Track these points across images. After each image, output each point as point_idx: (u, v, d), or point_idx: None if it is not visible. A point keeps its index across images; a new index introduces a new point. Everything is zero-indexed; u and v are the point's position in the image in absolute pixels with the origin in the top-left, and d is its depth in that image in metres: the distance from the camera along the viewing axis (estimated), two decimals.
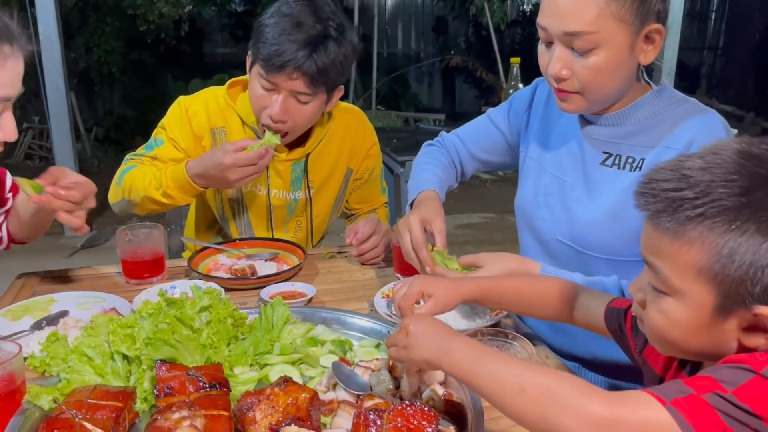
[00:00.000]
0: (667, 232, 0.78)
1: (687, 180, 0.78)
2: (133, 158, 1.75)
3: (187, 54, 9.37)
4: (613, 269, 1.34)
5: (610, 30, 1.18)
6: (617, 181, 1.33)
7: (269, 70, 1.55)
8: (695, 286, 0.78)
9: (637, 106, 1.31)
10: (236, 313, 1.22)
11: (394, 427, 0.89)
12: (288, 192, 1.81)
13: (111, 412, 0.96)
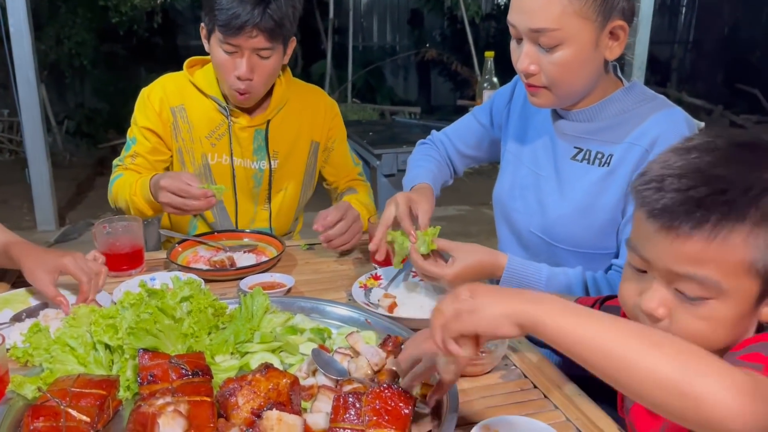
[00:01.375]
0: (710, 238, 0.76)
1: (717, 179, 0.77)
2: (118, 165, 1.85)
3: (160, 46, 9.25)
4: (581, 261, 1.38)
5: (573, 27, 1.22)
6: (587, 176, 1.37)
7: (229, 34, 1.63)
8: (744, 282, 0.79)
9: (607, 103, 1.35)
10: (217, 303, 1.24)
11: (373, 408, 0.92)
12: (252, 161, 1.86)
13: (95, 400, 0.98)
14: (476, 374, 1.18)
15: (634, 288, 0.86)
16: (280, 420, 0.93)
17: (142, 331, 1.11)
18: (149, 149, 1.83)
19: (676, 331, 0.81)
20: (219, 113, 1.83)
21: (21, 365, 1.12)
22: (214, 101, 1.82)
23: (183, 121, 1.84)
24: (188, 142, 1.85)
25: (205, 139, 1.85)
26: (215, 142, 1.85)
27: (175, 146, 1.86)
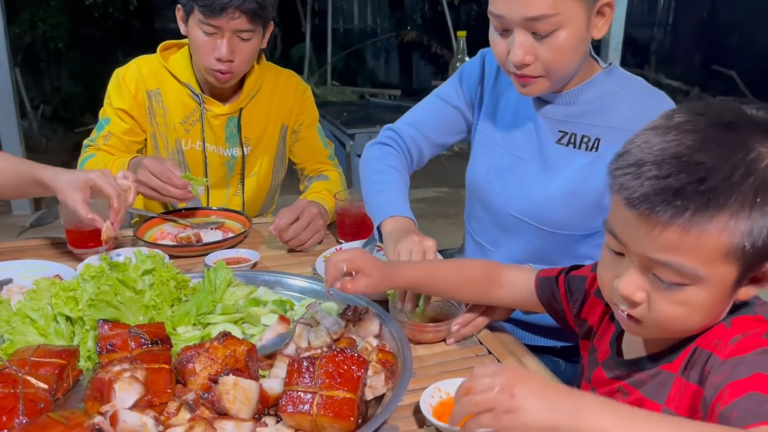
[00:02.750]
0: (687, 227, 0.76)
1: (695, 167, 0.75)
2: (89, 146, 1.83)
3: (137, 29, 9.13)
4: (563, 241, 1.39)
5: (568, 9, 1.20)
6: (574, 161, 1.35)
7: (210, 15, 1.63)
8: (721, 268, 0.78)
9: (588, 85, 1.34)
10: (179, 276, 1.26)
11: (326, 372, 0.95)
12: (224, 148, 1.87)
13: (54, 369, 1.00)
14: (434, 341, 1.22)
15: (612, 271, 0.86)
16: (236, 385, 0.95)
17: (103, 303, 1.12)
18: (124, 130, 1.82)
19: (654, 315, 0.83)
20: (192, 100, 1.83)
21: None
22: (188, 88, 1.82)
23: (158, 106, 1.84)
24: (162, 126, 1.85)
25: (179, 124, 1.84)
26: (189, 128, 1.85)
27: (150, 130, 1.86)
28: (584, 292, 1.10)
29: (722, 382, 0.78)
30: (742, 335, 0.82)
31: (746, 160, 0.75)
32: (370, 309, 1.19)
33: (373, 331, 1.17)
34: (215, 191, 1.92)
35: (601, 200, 1.32)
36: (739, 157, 0.75)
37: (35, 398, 0.93)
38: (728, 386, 0.76)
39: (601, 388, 0.97)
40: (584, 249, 1.39)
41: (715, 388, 0.78)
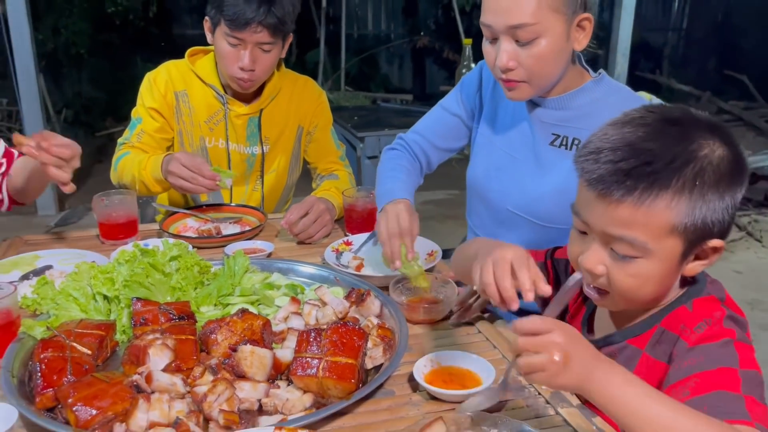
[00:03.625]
0: (637, 205, 0.87)
1: (644, 153, 0.87)
2: (124, 144, 1.99)
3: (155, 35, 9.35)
4: (554, 234, 1.50)
5: (548, 20, 1.33)
6: (565, 161, 1.47)
7: (235, 29, 1.78)
8: (667, 243, 0.90)
9: (580, 92, 1.46)
10: (202, 262, 1.41)
11: (331, 341, 1.09)
12: (245, 146, 2.03)
13: (95, 339, 1.15)
14: (430, 322, 1.35)
15: (578, 248, 1.00)
16: (253, 353, 1.09)
17: (136, 284, 1.28)
18: (156, 128, 1.99)
19: (612, 287, 0.95)
20: (217, 101, 1.99)
21: (30, 313, 1.29)
22: (213, 90, 1.98)
23: (185, 106, 2.00)
24: (188, 125, 2.01)
25: (203, 123, 2.00)
26: (213, 126, 2.01)
27: (177, 128, 2.02)
28: (566, 274, 1.23)
29: (689, 369, 0.91)
30: (706, 322, 0.94)
31: (688, 149, 0.89)
32: (372, 292, 1.33)
33: (374, 311, 1.31)
34: (236, 187, 2.07)
35: None
36: (682, 146, 0.89)
37: (80, 361, 1.08)
38: (696, 376, 0.89)
39: None
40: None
41: (683, 371, 0.91)
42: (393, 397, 1.10)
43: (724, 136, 0.92)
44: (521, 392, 1.07)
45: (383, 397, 1.10)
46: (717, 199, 0.89)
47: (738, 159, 0.92)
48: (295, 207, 1.76)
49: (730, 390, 0.87)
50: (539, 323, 0.86)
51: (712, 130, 0.92)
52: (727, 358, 0.90)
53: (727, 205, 0.91)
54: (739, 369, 0.89)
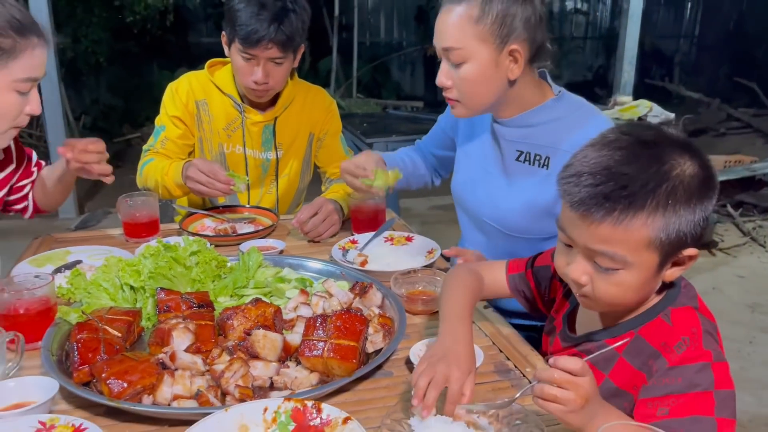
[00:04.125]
0: (615, 224, 0.95)
1: (620, 176, 0.95)
2: (149, 150, 2.12)
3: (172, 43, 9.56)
4: (529, 244, 1.62)
5: (473, 47, 1.46)
6: (531, 176, 1.59)
7: (247, 46, 1.91)
8: (645, 255, 0.98)
9: (540, 110, 1.57)
10: (219, 257, 1.54)
11: (335, 326, 1.21)
12: (261, 152, 2.16)
13: (124, 324, 1.27)
14: (427, 312, 1.47)
15: (564, 259, 1.09)
16: (265, 336, 1.22)
17: (160, 276, 1.40)
18: (178, 135, 2.12)
19: (596, 294, 1.05)
20: (234, 109, 2.12)
21: (65, 301, 1.42)
22: (231, 99, 2.11)
23: (205, 114, 2.13)
24: (208, 132, 2.14)
25: (222, 130, 2.14)
26: (231, 133, 2.14)
27: (197, 135, 2.16)
28: (549, 278, 1.34)
29: (668, 389, 1.00)
30: (684, 343, 1.02)
31: (660, 171, 0.97)
32: (374, 284, 1.45)
33: (376, 302, 1.42)
34: (252, 189, 2.21)
35: (554, 209, 1.55)
36: (655, 168, 0.97)
37: (112, 342, 1.20)
38: (675, 397, 0.98)
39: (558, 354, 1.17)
40: (548, 247, 1.62)
41: (662, 389, 1.00)
42: (391, 377, 1.22)
43: (695, 154, 1.00)
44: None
45: (382, 377, 1.21)
46: (689, 213, 0.98)
47: (708, 175, 1.00)
48: (306, 207, 1.90)
49: (704, 414, 0.96)
50: (579, 368, 0.93)
51: (684, 149, 1.00)
52: (704, 381, 0.98)
53: (699, 217, 0.98)
54: (714, 391, 0.98)
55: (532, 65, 1.52)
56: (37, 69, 1.47)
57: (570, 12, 11.79)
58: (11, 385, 1.07)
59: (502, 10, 1.44)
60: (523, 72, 1.50)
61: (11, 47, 1.40)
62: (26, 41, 1.42)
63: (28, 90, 1.48)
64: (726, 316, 3.56)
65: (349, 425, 0.98)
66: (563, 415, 0.94)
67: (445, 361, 1.06)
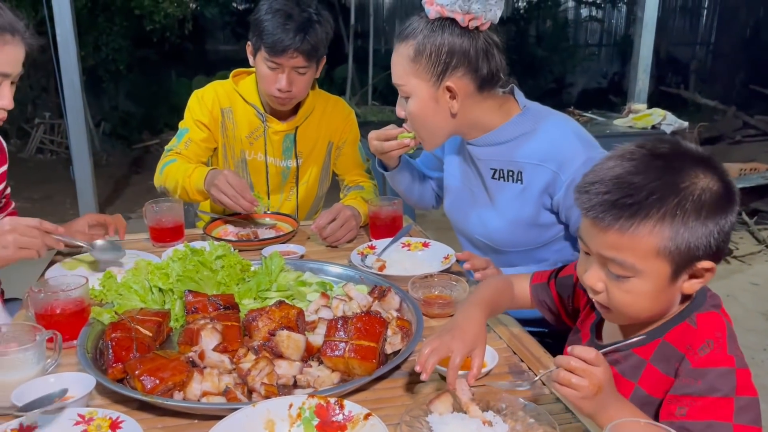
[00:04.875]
0: (622, 231, 0.99)
1: (629, 186, 0.99)
2: (171, 150, 2.18)
3: (190, 51, 9.71)
4: (524, 256, 1.69)
5: (412, 84, 1.55)
6: (509, 192, 1.64)
7: (273, 54, 1.98)
8: (655, 264, 1.00)
9: (506, 127, 1.61)
10: (243, 261, 1.60)
11: (356, 327, 1.26)
12: (281, 160, 2.24)
13: (154, 324, 1.34)
14: (444, 316, 1.52)
15: (583, 266, 1.13)
16: (289, 337, 1.27)
17: (187, 279, 1.47)
18: (202, 138, 2.19)
19: (611, 302, 1.06)
20: (257, 118, 2.19)
21: (98, 302, 1.48)
22: (254, 108, 2.19)
23: (229, 121, 2.21)
24: (231, 139, 2.22)
25: (244, 138, 2.21)
26: (253, 141, 2.21)
27: (221, 141, 2.23)
28: (572, 287, 1.37)
29: (688, 389, 1.03)
30: (708, 345, 1.05)
31: (668, 182, 1.01)
32: (392, 288, 1.50)
33: (394, 305, 1.48)
34: (274, 195, 2.28)
35: (537, 220, 1.62)
36: (665, 179, 1.01)
37: (143, 341, 1.27)
38: (694, 398, 1.01)
39: None
40: (544, 254, 1.69)
41: (682, 388, 1.04)
42: (409, 377, 1.27)
43: (711, 168, 1.02)
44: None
45: (400, 377, 1.26)
46: (700, 226, 0.99)
47: (725, 190, 1.02)
48: (325, 213, 1.96)
49: (722, 420, 0.99)
50: (594, 357, 1.00)
51: (700, 162, 1.03)
52: (725, 386, 1.01)
53: (710, 231, 1.00)
54: (735, 397, 1.00)
55: (483, 92, 1.57)
56: (5, 65, 1.50)
57: (585, 19, 11.81)
58: (51, 381, 1.14)
59: (436, 49, 1.51)
60: (472, 102, 1.56)
61: None
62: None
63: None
64: (740, 323, 3.57)
65: (370, 421, 1.03)
66: (576, 400, 1.00)
67: (451, 334, 1.16)
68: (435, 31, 1.51)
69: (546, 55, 10.63)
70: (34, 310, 1.35)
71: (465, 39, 1.50)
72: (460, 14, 1.48)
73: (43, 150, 7.84)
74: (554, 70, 10.78)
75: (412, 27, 1.54)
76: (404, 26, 1.57)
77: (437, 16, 1.51)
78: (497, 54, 1.54)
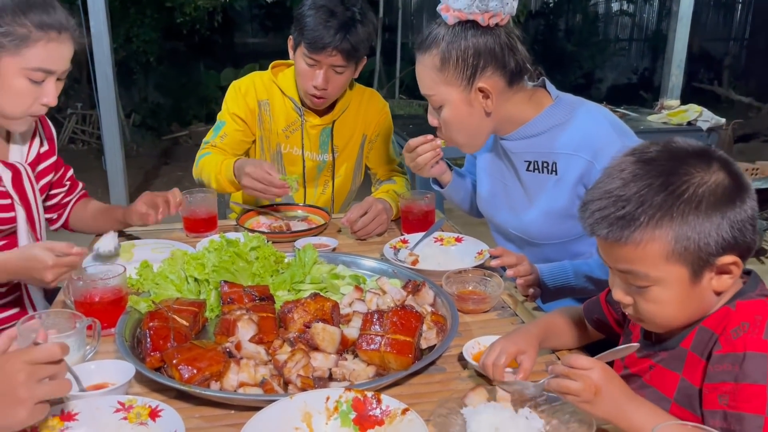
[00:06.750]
0: (624, 243, 0.99)
1: (618, 199, 0.99)
2: (207, 143, 2.20)
3: (218, 44, 9.77)
4: (557, 248, 1.67)
5: (442, 92, 1.54)
6: (544, 183, 1.64)
7: (313, 51, 1.97)
8: (669, 269, 0.99)
9: (538, 120, 1.60)
10: (277, 253, 1.60)
11: (392, 322, 1.25)
12: (318, 153, 2.23)
13: (190, 314, 1.35)
14: (478, 312, 1.51)
15: (612, 281, 1.12)
16: (324, 329, 1.27)
17: (223, 269, 1.48)
18: (238, 131, 2.19)
19: (640, 313, 1.05)
20: (295, 112, 2.19)
21: (134, 291, 1.50)
22: (292, 102, 2.18)
23: (266, 114, 2.21)
24: (268, 132, 2.22)
25: (281, 131, 2.21)
26: (289, 134, 2.22)
27: (258, 134, 2.23)
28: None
29: (724, 376, 0.99)
30: (742, 328, 1.00)
31: (655, 185, 0.98)
32: (426, 283, 1.49)
33: (429, 300, 1.47)
34: (309, 188, 2.28)
35: (571, 211, 1.58)
36: (654, 183, 0.99)
37: (180, 330, 1.27)
38: (730, 386, 0.97)
39: (634, 367, 1.17)
40: (580, 247, 1.66)
41: (718, 375, 1.00)
42: (444, 372, 1.26)
43: (711, 161, 1.00)
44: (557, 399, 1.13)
45: (436, 372, 1.26)
46: (703, 221, 0.97)
47: (730, 179, 0.99)
48: (356, 207, 1.95)
49: (756, 412, 0.94)
50: (584, 361, 1.02)
51: (694, 157, 1.01)
52: (759, 374, 0.96)
53: (718, 224, 0.97)
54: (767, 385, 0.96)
55: (513, 87, 1.56)
56: (51, 62, 1.51)
57: (615, 13, 11.63)
58: (92, 368, 1.15)
59: (462, 53, 1.50)
60: (504, 98, 1.56)
61: (25, 36, 1.46)
62: (43, 33, 1.47)
63: (41, 80, 1.52)
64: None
65: (407, 416, 1.03)
66: (578, 404, 1.02)
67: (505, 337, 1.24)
68: (457, 35, 1.51)
69: (575, 49, 10.49)
70: (74, 297, 1.37)
71: (488, 38, 1.50)
72: (479, 14, 1.48)
73: (75, 140, 7.95)
74: (583, 65, 10.63)
75: (433, 36, 1.54)
76: (423, 37, 1.57)
77: (456, 21, 1.50)
78: (520, 46, 1.55)
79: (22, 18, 1.45)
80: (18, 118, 1.55)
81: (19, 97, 1.51)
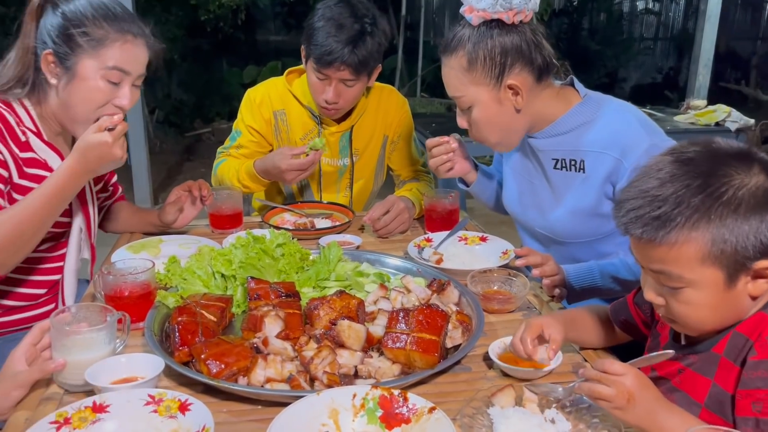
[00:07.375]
0: (659, 244, 0.98)
1: (654, 199, 0.98)
2: (222, 152, 2.21)
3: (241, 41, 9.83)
4: (584, 247, 1.66)
5: (471, 92, 1.54)
6: (571, 181, 1.63)
7: (321, 66, 1.94)
8: (704, 272, 0.98)
9: (567, 117, 1.60)
10: (303, 250, 1.61)
11: (417, 320, 1.26)
12: (337, 159, 2.22)
13: (217, 310, 1.36)
14: (503, 312, 1.50)
15: (644, 280, 1.11)
16: (350, 327, 1.28)
17: (250, 266, 1.49)
18: (253, 142, 2.19)
19: (672, 314, 1.04)
20: (312, 120, 2.17)
21: (162, 286, 1.52)
22: (308, 110, 2.16)
23: (283, 124, 2.19)
24: (285, 141, 2.19)
25: (299, 140, 2.18)
26: (307, 143, 2.19)
27: (276, 144, 2.21)
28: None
29: (758, 382, 0.97)
30: None
31: (693, 186, 0.97)
32: (451, 282, 1.49)
33: (453, 299, 1.47)
34: (327, 194, 2.27)
35: (598, 210, 1.59)
36: (693, 184, 0.98)
37: (208, 326, 1.29)
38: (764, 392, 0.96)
39: (662, 370, 1.15)
40: (606, 246, 1.65)
41: (752, 382, 0.99)
42: (470, 372, 1.26)
43: (752, 164, 0.98)
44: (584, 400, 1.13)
45: (461, 372, 1.26)
46: (742, 224, 0.95)
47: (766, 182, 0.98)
48: (378, 205, 1.95)
49: None
50: (617, 367, 1.01)
51: (734, 158, 0.99)
52: None
53: (756, 227, 0.96)
54: None
55: (541, 83, 1.56)
56: (126, 62, 1.54)
57: (641, 12, 11.49)
58: (123, 361, 1.17)
59: (489, 52, 1.50)
60: (533, 95, 1.56)
61: (102, 37, 1.49)
62: (119, 35, 1.51)
63: (118, 81, 1.54)
64: None
65: (434, 415, 1.03)
66: (610, 410, 1.01)
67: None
68: (483, 35, 1.51)
69: (599, 48, 10.39)
70: (104, 291, 1.39)
71: (514, 35, 1.51)
72: (504, 12, 1.48)
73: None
74: (607, 64, 10.53)
75: (458, 37, 1.54)
76: (447, 40, 1.57)
77: (481, 21, 1.50)
78: (545, 42, 1.55)
79: (100, 21, 1.50)
80: (88, 121, 1.55)
81: (94, 98, 1.54)
